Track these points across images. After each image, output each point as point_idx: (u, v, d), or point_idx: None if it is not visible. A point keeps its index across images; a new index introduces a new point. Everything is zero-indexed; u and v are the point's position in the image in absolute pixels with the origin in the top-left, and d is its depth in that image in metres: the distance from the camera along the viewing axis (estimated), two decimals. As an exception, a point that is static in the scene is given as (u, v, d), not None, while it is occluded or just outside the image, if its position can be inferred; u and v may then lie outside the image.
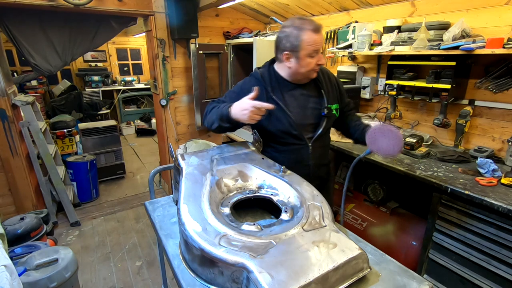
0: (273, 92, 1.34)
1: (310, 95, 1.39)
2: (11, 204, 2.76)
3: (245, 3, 3.12)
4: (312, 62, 1.27)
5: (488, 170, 1.60)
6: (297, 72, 1.30)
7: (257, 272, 0.72)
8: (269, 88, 1.34)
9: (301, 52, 1.24)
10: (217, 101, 1.41)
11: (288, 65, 1.30)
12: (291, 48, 1.24)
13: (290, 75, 1.34)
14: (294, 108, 1.35)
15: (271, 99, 1.32)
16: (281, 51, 1.28)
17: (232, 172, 1.18)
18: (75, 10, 2.53)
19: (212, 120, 1.30)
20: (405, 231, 1.98)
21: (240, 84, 1.42)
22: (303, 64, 1.27)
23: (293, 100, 1.36)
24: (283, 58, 1.29)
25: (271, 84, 1.35)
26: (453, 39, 1.76)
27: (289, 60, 1.28)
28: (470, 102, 1.97)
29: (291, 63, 1.28)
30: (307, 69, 1.28)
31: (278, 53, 1.32)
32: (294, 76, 1.33)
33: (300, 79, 1.35)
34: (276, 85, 1.36)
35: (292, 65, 1.28)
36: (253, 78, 1.39)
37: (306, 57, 1.25)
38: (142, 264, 2.52)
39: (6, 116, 2.54)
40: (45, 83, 5.95)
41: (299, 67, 1.28)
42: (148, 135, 6.39)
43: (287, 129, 1.34)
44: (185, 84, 3.33)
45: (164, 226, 1.20)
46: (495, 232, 1.42)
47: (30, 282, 1.56)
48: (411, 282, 0.86)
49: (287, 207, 1.03)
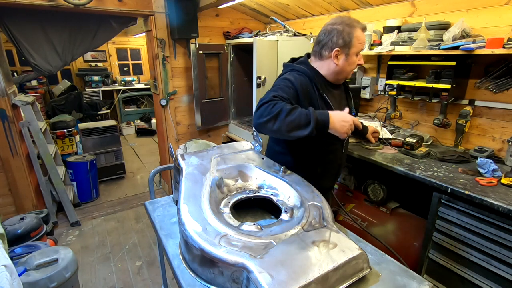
0: (323, 90, 1.30)
1: (343, 96, 1.43)
2: (11, 204, 2.76)
3: (245, 3, 3.12)
4: (356, 62, 1.28)
5: (488, 170, 1.60)
6: (343, 70, 1.29)
7: (257, 272, 0.72)
8: (319, 85, 1.30)
9: (352, 49, 1.24)
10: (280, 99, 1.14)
11: (335, 62, 1.27)
12: (343, 44, 1.23)
13: (332, 74, 1.32)
14: (336, 108, 1.32)
15: (322, 97, 1.30)
16: (330, 48, 1.26)
17: (232, 172, 1.18)
18: (75, 10, 2.53)
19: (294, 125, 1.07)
20: (405, 231, 1.98)
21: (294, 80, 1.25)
22: (350, 62, 1.26)
23: (334, 100, 1.35)
24: (331, 55, 1.26)
25: (319, 81, 1.31)
26: (453, 39, 1.76)
27: (337, 57, 1.26)
28: (470, 102, 1.97)
29: (339, 61, 1.27)
30: (351, 68, 1.29)
31: (325, 49, 1.28)
32: (338, 75, 1.32)
33: (339, 79, 1.34)
34: (322, 84, 1.32)
35: (340, 62, 1.27)
36: (303, 75, 1.29)
37: (353, 55, 1.25)
38: (142, 264, 2.52)
39: (6, 116, 2.54)
40: (45, 83, 5.95)
41: (346, 65, 1.27)
42: (148, 135, 6.39)
43: None
44: (185, 84, 3.33)
45: (164, 226, 1.20)
46: (495, 232, 1.42)
47: (30, 282, 1.56)
48: (411, 282, 0.86)
49: (287, 207, 1.03)
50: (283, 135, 1.11)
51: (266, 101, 1.12)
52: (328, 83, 1.35)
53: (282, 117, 1.07)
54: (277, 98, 1.14)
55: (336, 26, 1.24)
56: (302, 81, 1.29)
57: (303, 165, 1.39)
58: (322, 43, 1.28)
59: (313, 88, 1.29)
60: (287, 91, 1.21)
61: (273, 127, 1.08)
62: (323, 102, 1.30)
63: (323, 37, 1.28)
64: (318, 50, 1.32)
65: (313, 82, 1.30)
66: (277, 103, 1.11)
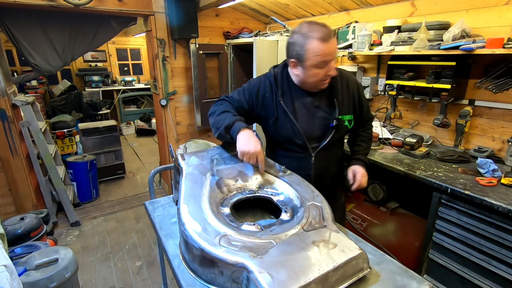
0: (282, 97, 1.27)
1: (321, 104, 1.30)
2: (11, 204, 2.76)
3: (245, 3, 3.12)
4: (320, 73, 1.17)
5: (488, 170, 1.60)
6: (305, 81, 1.23)
7: (257, 272, 0.72)
8: (280, 91, 1.27)
9: (306, 62, 1.15)
10: (230, 100, 1.32)
11: (295, 73, 1.23)
12: (297, 56, 1.16)
13: (298, 83, 1.27)
14: (302, 117, 1.28)
15: (279, 104, 1.27)
16: (289, 57, 1.22)
17: (232, 172, 1.18)
18: (75, 10, 2.53)
19: (218, 125, 1.23)
20: (405, 231, 1.98)
21: (254, 84, 1.34)
22: (310, 75, 1.18)
23: (302, 108, 1.29)
24: (290, 65, 1.23)
25: (282, 87, 1.28)
26: (453, 39, 1.76)
27: (296, 67, 1.21)
28: (470, 102, 1.97)
29: (298, 71, 1.21)
30: (314, 80, 1.20)
31: (287, 59, 1.25)
32: (303, 84, 1.26)
33: (309, 88, 1.27)
34: (287, 90, 1.29)
35: (299, 73, 1.21)
36: (267, 79, 1.32)
37: (312, 68, 1.16)
38: (142, 264, 2.52)
39: (6, 116, 2.54)
40: (45, 83, 5.95)
41: (306, 77, 1.20)
42: (148, 135, 6.39)
43: (291, 137, 1.29)
44: (185, 84, 3.33)
45: (164, 226, 1.20)
46: (495, 232, 1.42)
47: (30, 282, 1.56)
48: (411, 282, 0.86)
49: (287, 207, 1.03)
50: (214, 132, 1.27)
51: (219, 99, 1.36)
52: (300, 90, 1.28)
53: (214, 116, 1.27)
54: (227, 99, 1.33)
55: (292, 36, 1.17)
56: (262, 85, 1.30)
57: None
58: (286, 51, 1.24)
59: (272, 93, 1.27)
60: (242, 94, 1.33)
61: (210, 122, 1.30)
62: (280, 108, 1.26)
63: (286, 45, 1.23)
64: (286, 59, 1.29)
65: (273, 87, 1.28)
66: (222, 103, 1.32)
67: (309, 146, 1.31)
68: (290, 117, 1.26)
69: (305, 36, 1.12)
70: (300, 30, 1.15)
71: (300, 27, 1.16)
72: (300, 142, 1.29)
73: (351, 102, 1.34)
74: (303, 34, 1.13)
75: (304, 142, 1.29)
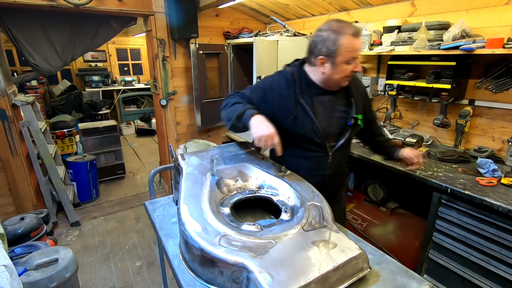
0: (301, 95, 1.26)
1: (338, 102, 1.31)
2: (11, 204, 2.76)
3: (245, 3, 3.12)
4: (348, 69, 1.19)
5: (488, 170, 1.60)
6: (330, 78, 1.22)
7: (257, 272, 0.72)
8: (298, 90, 1.26)
9: (337, 58, 1.15)
10: (240, 95, 1.33)
11: (322, 71, 1.22)
12: (327, 53, 1.16)
13: (322, 81, 1.26)
14: (321, 115, 1.27)
15: (298, 102, 1.25)
16: (316, 55, 1.20)
17: (232, 172, 1.18)
18: (75, 10, 2.53)
19: (230, 117, 1.23)
20: (405, 231, 1.98)
21: (269, 81, 1.33)
22: (338, 71, 1.19)
23: (321, 107, 1.28)
24: (317, 63, 1.21)
25: (300, 86, 1.27)
26: (453, 39, 1.76)
27: (323, 65, 1.20)
28: (470, 102, 1.97)
29: (326, 69, 1.20)
30: (342, 76, 1.21)
31: (311, 57, 1.24)
32: (326, 82, 1.25)
33: (331, 86, 1.27)
34: (306, 88, 1.28)
35: (326, 70, 1.20)
36: (283, 78, 1.30)
37: (342, 64, 1.17)
38: (142, 264, 2.52)
39: (6, 116, 2.54)
40: (45, 83, 5.95)
41: (333, 74, 1.20)
42: (148, 135, 6.39)
43: (311, 136, 1.27)
44: (185, 84, 3.33)
45: (164, 226, 1.20)
46: (495, 232, 1.42)
47: (30, 282, 1.56)
48: (411, 282, 0.86)
49: (287, 207, 1.03)
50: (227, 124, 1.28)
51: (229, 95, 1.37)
52: (317, 88, 1.29)
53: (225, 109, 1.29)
54: (238, 94, 1.35)
55: (321, 32, 1.17)
56: (277, 84, 1.29)
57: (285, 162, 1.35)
58: (310, 50, 1.25)
59: (290, 91, 1.26)
60: (255, 91, 1.33)
61: (221, 115, 1.32)
62: (300, 106, 1.25)
63: (310, 44, 1.24)
64: (307, 57, 1.28)
65: (291, 85, 1.27)
66: (233, 97, 1.33)
67: (327, 145, 1.30)
68: (310, 116, 1.25)
69: (336, 32, 1.14)
70: (330, 27, 1.16)
71: (329, 25, 1.17)
72: (319, 140, 1.28)
73: (362, 101, 1.37)
74: (335, 31, 1.14)
75: (323, 140, 1.28)
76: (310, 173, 1.28)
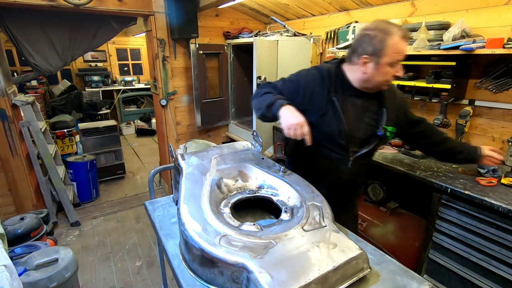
0: (335, 93, 1.22)
1: (370, 109, 1.27)
2: (11, 204, 2.76)
3: (245, 3, 3.12)
4: (390, 72, 1.14)
5: (488, 170, 1.60)
6: (371, 80, 1.18)
7: (257, 272, 0.72)
8: (332, 87, 1.22)
9: (383, 58, 1.11)
10: (272, 86, 1.30)
11: (363, 71, 1.17)
12: (373, 52, 1.12)
13: (360, 81, 1.22)
14: (350, 117, 1.23)
15: (330, 100, 1.21)
16: (359, 54, 1.16)
17: (232, 172, 1.18)
18: (75, 10, 2.53)
19: (260, 106, 1.22)
20: (405, 231, 1.98)
21: (303, 76, 1.28)
22: (381, 72, 1.14)
23: (352, 109, 1.24)
24: (359, 62, 1.17)
25: (335, 84, 1.23)
26: (453, 39, 1.76)
27: (366, 65, 1.15)
28: (470, 102, 1.97)
29: (368, 69, 1.16)
30: (383, 79, 1.16)
31: (354, 55, 1.19)
32: (365, 83, 1.21)
33: (369, 88, 1.22)
34: (340, 88, 1.24)
35: (369, 71, 1.16)
36: (318, 74, 1.25)
37: (386, 65, 1.12)
38: (142, 264, 2.52)
39: (6, 116, 2.54)
40: (45, 83, 5.95)
41: (375, 75, 1.15)
42: (148, 135, 6.39)
43: (335, 136, 1.24)
44: (185, 84, 3.33)
45: (164, 226, 1.20)
46: (495, 232, 1.42)
47: (30, 282, 1.56)
48: (411, 282, 0.86)
49: (287, 207, 1.03)
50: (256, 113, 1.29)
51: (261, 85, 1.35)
52: (352, 89, 1.24)
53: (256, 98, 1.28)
54: (269, 85, 1.32)
55: (368, 32, 1.13)
56: (311, 79, 1.24)
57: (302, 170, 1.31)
58: (353, 48, 1.20)
59: (323, 88, 1.22)
60: (287, 83, 1.29)
61: (252, 104, 1.30)
62: (331, 104, 1.21)
63: (354, 42, 1.19)
64: (349, 55, 1.23)
65: (325, 82, 1.22)
66: (265, 87, 1.31)
67: (350, 149, 1.26)
68: (339, 115, 1.21)
69: (385, 32, 1.10)
70: (378, 26, 1.12)
71: (377, 24, 1.13)
72: (343, 142, 1.24)
73: (396, 113, 1.31)
74: (383, 30, 1.10)
75: (346, 143, 1.24)
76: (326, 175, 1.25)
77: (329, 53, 2.73)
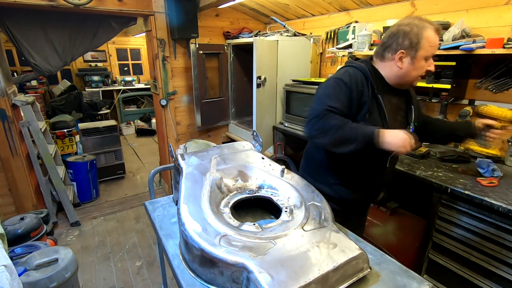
0: (378, 91, 1.19)
1: (401, 106, 1.27)
2: (11, 204, 2.76)
3: (245, 3, 3.12)
4: (424, 67, 1.15)
5: (487, 169, 1.60)
6: (406, 75, 1.17)
7: (257, 272, 0.72)
8: (375, 85, 1.19)
9: (419, 51, 1.11)
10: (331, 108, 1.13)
11: (399, 66, 1.16)
12: (409, 46, 1.11)
13: (395, 77, 1.20)
14: (389, 116, 1.21)
15: (375, 98, 1.18)
16: (394, 49, 1.15)
17: (232, 172, 1.18)
18: (75, 10, 2.53)
19: (347, 140, 1.09)
20: (405, 231, 1.98)
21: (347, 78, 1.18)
22: (417, 67, 1.14)
23: (388, 107, 1.21)
24: (395, 57, 1.16)
25: (375, 82, 1.20)
26: (453, 39, 1.76)
27: (401, 60, 1.15)
28: (470, 102, 1.97)
29: (404, 64, 1.15)
30: (418, 74, 1.16)
31: (387, 51, 1.18)
32: (400, 79, 1.19)
33: (403, 84, 1.22)
34: (380, 85, 1.21)
35: (405, 66, 1.15)
36: (360, 74, 1.20)
37: (422, 59, 1.13)
38: (142, 264, 2.52)
39: (6, 116, 2.54)
40: (45, 83, 5.95)
41: (411, 70, 1.15)
42: (148, 135, 6.39)
43: None
44: (185, 84, 3.33)
45: (164, 226, 1.20)
46: (495, 232, 1.42)
47: (30, 282, 1.56)
48: (411, 282, 0.86)
49: (287, 207, 1.03)
50: (331, 149, 1.15)
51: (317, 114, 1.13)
52: (387, 86, 1.23)
53: (331, 134, 1.10)
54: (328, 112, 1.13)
55: (402, 27, 1.13)
56: (358, 77, 1.19)
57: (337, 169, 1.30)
58: (386, 45, 1.19)
59: (368, 86, 1.19)
60: (339, 97, 1.16)
61: (323, 141, 1.14)
62: (376, 102, 1.19)
63: (387, 39, 1.18)
64: (380, 52, 1.22)
65: (368, 80, 1.20)
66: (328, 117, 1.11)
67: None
68: (384, 113, 1.19)
69: (420, 26, 1.11)
70: (412, 21, 1.13)
71: (410, 19, 1.13)
72: None
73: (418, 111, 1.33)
74: (417, 24, 1.11)
75: None
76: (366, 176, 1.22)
77: (329, 53, 2.73)
